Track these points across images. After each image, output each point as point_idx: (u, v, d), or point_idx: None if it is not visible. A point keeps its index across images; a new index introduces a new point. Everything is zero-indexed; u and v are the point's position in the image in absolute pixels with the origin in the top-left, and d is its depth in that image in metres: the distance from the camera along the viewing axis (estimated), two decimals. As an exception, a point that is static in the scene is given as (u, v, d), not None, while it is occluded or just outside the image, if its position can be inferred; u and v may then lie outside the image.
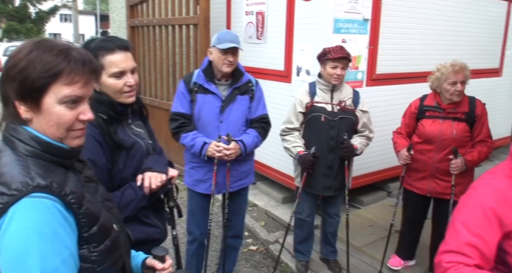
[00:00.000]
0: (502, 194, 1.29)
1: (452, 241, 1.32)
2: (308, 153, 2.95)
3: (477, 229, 1.29)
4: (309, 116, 3.02)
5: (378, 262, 3.42)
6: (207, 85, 2.67)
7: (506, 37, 5.73)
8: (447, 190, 2.97)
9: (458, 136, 2.90)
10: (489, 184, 1.36)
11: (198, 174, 2.77)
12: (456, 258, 1.28)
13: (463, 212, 1.35)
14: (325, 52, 2.96)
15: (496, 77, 5.85)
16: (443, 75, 2.86)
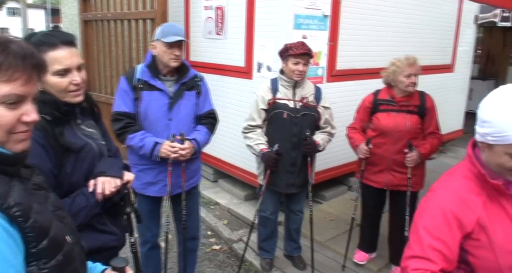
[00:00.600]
0: (460, 196, 1.31)
1: (416, 246, 1.32)
2: (271, 150, 2.91)
3: (439, 233, 1.30)
4: (272, 113, 2.99)
5: (341, 256, 3.46)
6: (153, 82, 2.53)
7: (457, 33, 5.95)
8: (403, 182, 3.04)
9: (412, 128, 2.99)
10: (448, 186, 1.37)
11: (148, 177, 2.61)
12: (422, 265, 1.28)
13: (425, 217, 1.35)
14: (287, 48, 2.93)
15: (449, 72, 6.07)
16: (399, 68, 2.96)
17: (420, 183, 3.15)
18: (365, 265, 3.44)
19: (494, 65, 9.52)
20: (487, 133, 1.25)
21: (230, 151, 4.60)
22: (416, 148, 2.96)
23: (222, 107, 4.55)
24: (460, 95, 6.53)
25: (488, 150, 1.29)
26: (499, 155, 1.25)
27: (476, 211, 1.29)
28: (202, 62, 4.77)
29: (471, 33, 6.38)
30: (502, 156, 1.25)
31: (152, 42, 2.57)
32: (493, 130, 1.23)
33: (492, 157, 1.29)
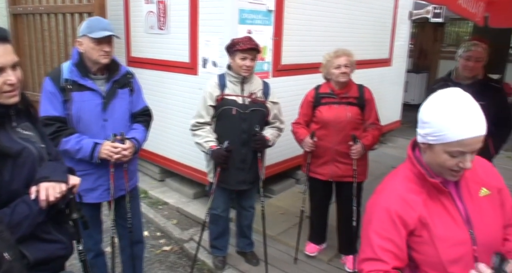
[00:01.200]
0: (402, 197, 1.37)
1: (367, 249, 1.38)
2: (221, 147, 2.87)
3: (387, 233, 1.35)
4: (220, 110, 2.94)
5: (293, 249, 3.50)
6: (83, 81, 2.36)
7: (394, 29, 6.21)
8: (348, 173, 3.14)
9: (352, 118, 3.09)
10: (390, 188, 1.42)
11: (87, 183, 2.41)
12: (375, 266, 1.34)
13: (373, 220, 1.40)
14: (234, 43, 2.89)
15: (387, 66, 6.34)
16: (329, 61, 3.09)
17: (364, 173, 3.26)
18: (316, 256, 3.51)
19: (427, 59, 10.08)
20: (428, 133, 1.31)
21: (177, 149, 4.50)
22: (359, 140, 3.06)
23: (167, 104, 4.45)
24: (397, 88, 6.84)
25: (429, 150, 1.35)
26: (439, 154, 1.31)
27: (417, 210, 1.35)
28: (144, 58, 4.62)
29: (406, 29, 6.69)
30: (442, 155, 1.31)
31: (77, 38, 2.39)
32: (432, 130, 1.29)
33: (433, 157, 1.34)
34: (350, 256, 3.33)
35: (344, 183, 3.21)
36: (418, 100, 9.70)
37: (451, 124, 1.25)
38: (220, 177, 2.99)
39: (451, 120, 1.26)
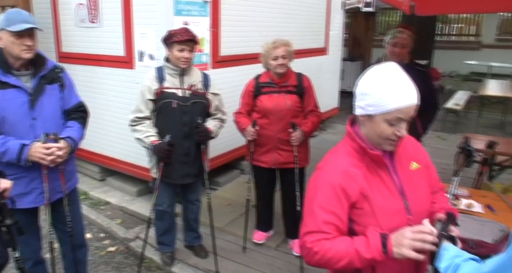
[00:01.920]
0: (344, 170, 1.43)
1: (310, 223, 1.42)
2: (162, 142, 2.82)
3: (330, 206, 1.40)
4: (160, 103, 2.88)
5: (241, 238, 3.53)
6: (5, 78, 2.20)
7: (328, 19, 6.39)
8: (290, 159, 3.22)
9: (292, 106, 3.16)
10: (332, 163, 1.48)
11: (19, 187, 2.24)
12: (317, 237, 1.39)
13: (316, 194, 1.44)
14: (171, 34, 2.83)
15: (323, 55, 6.51)
16: (267, 52, 3.12)
17: (306, 159, 3.35)
18: (264, 243, 3.57)
19: (360, 48, 10.48)
20: (368, 104, 1.37)
21: (117, 146, 4.36)
22: (299, 127, 3.13)
23: (103, 101, 4.28)
24: (334, 76, 7.06)
25: (368, 122, 1.41)
26: (379, 123, 1.38)
27: (358, 182, 1.41)
28: (76, 52, 4.40)
29: (340, 18, 6.91)
30: (381, 124, 1.38)
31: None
32: (373, 100, 1.36)
33: (372, 128, 1.41)
34: (297, 240, 3.42)
35: (287, 169, 3.28)
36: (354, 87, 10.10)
37: (391, 93, 1.33)
38: (164, 172, 2.94)
39: (390, 89, 1.33)
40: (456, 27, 15.98)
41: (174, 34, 2.81)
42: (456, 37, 15.94)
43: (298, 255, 3.33)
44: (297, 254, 3.37)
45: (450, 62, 12.96)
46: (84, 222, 2.87)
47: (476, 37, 14.90)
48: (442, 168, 4.02)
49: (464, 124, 7.63)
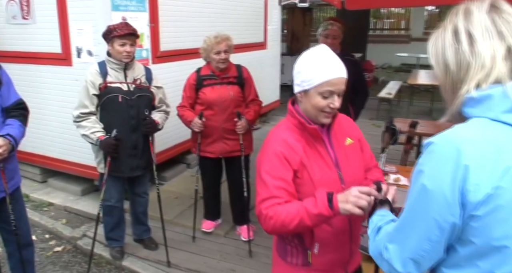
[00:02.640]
0: (286, 142, 1.57)
1: (262, 191, 1.53)
2: (109, 137, 2.84)
3: (278, 173, 1.54)
4: (105, 98, 2.89)
5: (190, 229, 3.62)
6: None
7: (266, 14, 6.57)
8: (236, 147, 3.35)
9: (234, 97, 3.30)
10: (276, 136, 1.62)
11: None
12: (270, 202, 1.51)
13: (263, 164, 1.57)
14: (111, 29, 2.85)
15: (263, 49, 6.69)
16: (209, 46, 3.21)
17: (250, 146, 3.51)
18: (213, 231, 3.69)
19: (299, 42, 10.80)
20: (303, 80, 1.52)
21: (58, 146, 4.26)
22: (243, 116, 3.27)
23: (41, 100, 4.17)
24: (274, 70, 7.28)
25: (305, 97, 1.55)
26: (313, 97, 1.53)
27: (298, 153, 1.56)
28: (8, 51, 4.24)
29: (277, 14, 7.12)
30: (316, 97, 1.52)
31: None
32: (305, 76, 1.51)
33: (309, 102, 1.55)
34: (244, 226, 3.57)
35: (233, 158, 3.41)
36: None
37: (320, 68, 1.49)
38: (112, 166, 2.96)
39: (320, 64, 1.49)
40: (388, 22, 16.90)
41: (114, 29, 2.83)
42: (388, 31, 16.85)
43: (247, 240, 3.47)
44: (245, 239, 3.51)
45: (382, 55, 13.71)
46: (29, 222, 2.83)
47: (406, 31, 15.84)
48: (377, 153, 4.33)
49: (397, 111, 8.15)
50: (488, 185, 0.88)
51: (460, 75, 0.98)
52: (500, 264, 0.93)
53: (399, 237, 1.05)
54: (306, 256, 1.63)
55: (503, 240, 0.90)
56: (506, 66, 0.94)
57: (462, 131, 0.94)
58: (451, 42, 1.00)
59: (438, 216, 0.93)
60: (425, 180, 0.95)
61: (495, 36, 0.94)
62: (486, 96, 0.94)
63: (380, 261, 1.11)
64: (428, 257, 1.00)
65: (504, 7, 0.97)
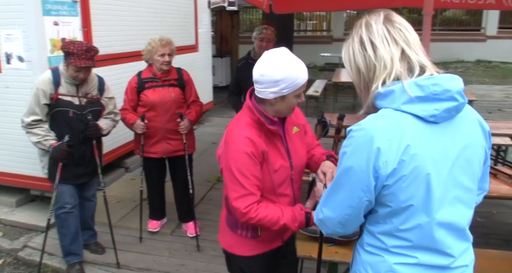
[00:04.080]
0: (250, 138, 1.69)
1: (237, 188, 1.68)
2: (62, 143, 2.84)
3: (250, 171, 1.68)
4: (55, 110, 2.88)
5: (136, 230, 3.67)
6: None
7: (196, 17, 6.70)
8: (179, 147, 3.47)
9: (176, 98, 3.42)
10: (238, 134, 1.71)
11: None
12: (249, 200, 1.67)
13: (234, 162, 1.68)
14: (70, 52, 2.74)
15: (195, 52, 6.81)
16: (154, 48, 3.30)
17: (193, 146, 3.65)
18: (159, 231, 3.77)
19: (228, 44, 11.01)
20: (283, 87, 1.62)
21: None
22: (185, 116, 3.39)
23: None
24: (206, 72, 7.42)
25: (281, 101, 1.68)
26: (291, 99, 1.67)
27: (260, 148, 1.70)
28: None
29: (207, 16, 7.27)
30: (292, 98, 1.67)
31: None
32: (286, 84, 1.61)
33: (285, 105, 1.70)
34: (190, 222, 3.69)
35: (176, 157, 3.53)
36: (225, 82, 10.59)
37: (296, 74, 1.61)
38: (62, 172, 2.92)
39: (296, 71, 1.61)
40: (311, 24, 17.67)
41: (73, 54, 2.73)
42: (311, 33, 17.63)
43: (193, 236, 3.60)
44: (192, 235, 3.63)
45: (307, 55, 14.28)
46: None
47: (328, 32, 16.69)
48: (309, 146, 4.68)
49: (323, 108, 8.65)
50: (394, 161, 1.13)
51: (370, 75, 1.23)
52: (406, 220, 1.19)
53: (328, 203, 1.29)
54: (257, 230, 1.84)
55: (409, 201, 1.17)
56: (403, 66, 1.19)
57: (374, 120, 1.19)
58: (359, 49, 1.23)
59: (357, 187, 1.19)
60: (347, 159, 1.20)
61: (391, 42, 1.19)
62: (390, 91, 1.18)
63: (320, 224, 1.36)
64: (350, 220, 1.25)
65: (395, 18, 1.24)
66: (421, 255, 1.22)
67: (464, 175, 1.22)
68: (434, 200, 1.16)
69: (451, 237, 1.23)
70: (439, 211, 1.18)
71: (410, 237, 1.20)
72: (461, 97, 1.15)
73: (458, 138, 1.20)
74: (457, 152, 1.19)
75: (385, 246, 1.25)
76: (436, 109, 1.13)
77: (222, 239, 1.98)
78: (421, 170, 1.14)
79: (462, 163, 1.20)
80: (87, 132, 2.96)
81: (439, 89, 1.13)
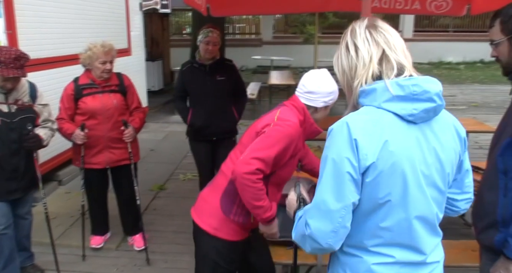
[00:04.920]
0: (298, 129, 1.93)
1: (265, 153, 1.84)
2: None
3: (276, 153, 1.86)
4: None
5: (77, 248, 3.42)
6: None
7: (128, 19, 6.43)
8: (123, 156, 3.29)
9: (118, 105, 3.23)
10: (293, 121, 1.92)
11: None
12: (258, 175, 1.83)
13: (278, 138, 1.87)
14: None
15: (127, 56, 6.54)
16: (95, 54, 3.09)
17: (138, 154, 3.48)
18: (104, 246, 3.54)
19: (159, 48, 10.75)
20: (331, 98, 1.97)
21: None
22: (129, 124, 3.22)
23: None
24: (140, 76, 7.16)
25: (323, 110, 2.00)
26: (327, 111, 2.02)
27: (298, 142, 1.96)
28: None
29: (139, 19, 7.03)
30: (327, 110, 2.02)
31: None
32: (333, 96, 1.97)
33: (324, 114, 2.03)
34: (137, 235, 3.52)
35: (121, 167, 3.34)
36: (158, 87, 10.32)
37: (336, 91, 1.97)
38: None
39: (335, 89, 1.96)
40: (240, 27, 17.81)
41: (0, 62, 2.47)
42: (240, 36, 17.78)
43: (141, 249, 3.43)
44: (140, 248, 3.46)
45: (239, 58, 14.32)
46: None
47: (257, 35, 16.93)
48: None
49: (260, 110, 8.74)
50: (373, 155, 1.16)
51: (351, 74, 1.28)
52: (385, 217, 1.21)
53: (316, 211, 1.23)
54: (250, 218, 1.99)
55: (387, 197, 1.19)
56: (385, 65, 1.23)
57: (353, 116, 1.23)
58: (344, 53, 1.30)
59: (343, 179, 1.17)
60: (328, 152, 1.21)
61: (372, 44, 1.25)
62: (372, 89, 1.23)
63: (303, 241, 1.29)
64: (343, 222, 1.19)
65: (379, 24, 1.29)
66: (398, 253, 1.25)
67: (438, 176, 1.27)
68: (410, 196, 1.20)
69: (426, 232, 1.28)
70: (415, 207, 1.22)
71: (389, 234, 1.23)
72: (439, 99, 1.20)
73: (433, 140, 1.25)
74: (431, 153, 1.24)
75: (363, 245, 1.26)
76: (415, 108, 1.18)
77: (206, 222, 2.02)
78: (398, 166, 1.17)
79: (436, 164, 1.25)
80: (27, 144, 2.69)
81: (419, 89, 1.18)
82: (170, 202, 4.49)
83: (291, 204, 1.56)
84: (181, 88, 3.68)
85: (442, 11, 4.56)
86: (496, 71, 14.06)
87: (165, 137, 7.09)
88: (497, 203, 1.65)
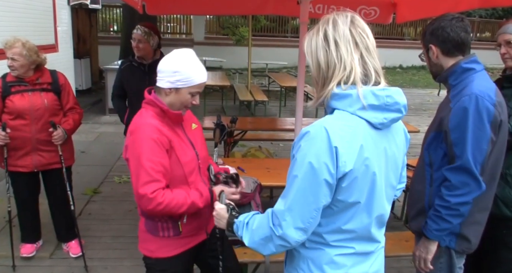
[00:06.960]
0: (156, 127, 1.77)
1: (143, 175, 1.71)
2: None
3: (156, 157, 1.73)
4: None
5: (6, 258, 3.17)
6: None
7: (55, 14, 6.07)
8: (54, 159, 3.11)
9: (49, 105, 3.04)
10: (144, 123, 1.78)
11: None
12: (154, 186, 1.71)
13: (141, 150, 1.72)
14: None
15: (54, 52, 6.17)
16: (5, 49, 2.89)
17: (72, 157, 3.29)
18: (36, 255, 3.31)
19: (86, 45, 10.22)
20: (178, 79, 1.73)
21: None
22: (60, 125, 3.05)
23: None
24: (69, 74, 6.74)
25: (175, 93, 1.78)
26: (184, 95, 1.78)
27: (167, 136, 1.77)
28: None
29: (67, 14, 6.66)
30: (186, 95, 1.78)
31: None
32: (182, 77, 1.73)
33: (178, 98, 1.79)
34: (72, 241, 3.35)
35: (52, 170, 3.15)
36: (86, 85, 9.82)
37: (195, 72, 1.75)
38: None
39: (194, 69, 1.75)
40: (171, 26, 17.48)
41: None
42: (171, 35, 17.46)
43: (78, 256, 3.27)
44: (76, 255, 3.30)
45: (171, 58, 14.17)
46: None
47: (188, 35, 16.73)
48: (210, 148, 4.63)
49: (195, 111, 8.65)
50: (351, 162, 1.20)
51: (329, 73, 1.26)
52: (349, 220, 1.28)
53: (292, 212, 1.24)
54: (177, 227, 1.90)
55: (357, 199, 1.26)
56: (362, 71, 1.24)
57: (330, 121, 1.24)
58: (323, 45, 1.26)
59: (318, 183, 1.20)
60: (305, 156, 1.20)
61: (353, 45, 1.24)
62: (347, 95, 1.24)
63: (264, 243, 1.31)
64: (313, 223, 1.25)
65: (359, 23, 1.27)
66: (358, 245, 1.34)
67: (393, 175, 1.39)
68: (375, 198, 1.30)
69: (380, 225, 1.40)
70: (377, 208, 1.32)
71: (351, 234, 1.32)
72: (405, 110, 1.29)
73: (391, 143, 1.35)
74: (390, 155, 1.34)
75: (325, 241, 1.32)
76: (385, 118, 1.26)
77: (143, 248, 1.97)
78: (370, 170, 1.25)
79: (393, 165, 1.37)
80: None
81: (391, 101, 1.25)
82: (106, 206, 4.31)
83: (221, 214, 1.56)
84: (119, 86, 3.57)
85: (370, 19, 4.83)
86: (413, 76, 15.26)
87: (97, 138, 6.78)
88: (424, 192, 1.89)
